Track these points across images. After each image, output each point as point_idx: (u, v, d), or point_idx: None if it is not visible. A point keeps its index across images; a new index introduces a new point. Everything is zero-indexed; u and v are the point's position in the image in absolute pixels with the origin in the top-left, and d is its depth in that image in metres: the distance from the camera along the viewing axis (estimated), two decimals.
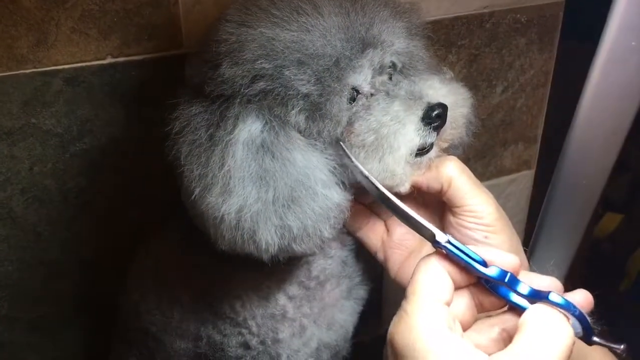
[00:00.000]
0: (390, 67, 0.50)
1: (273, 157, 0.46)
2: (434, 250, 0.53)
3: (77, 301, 0.70)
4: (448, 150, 0.53)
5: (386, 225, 0.56)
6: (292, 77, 0.45)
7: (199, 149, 0.47)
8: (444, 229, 0.52)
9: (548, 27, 0.82)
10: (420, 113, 0.46)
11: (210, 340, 0.56)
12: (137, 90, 0.62)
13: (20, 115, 0.59)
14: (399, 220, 0.54)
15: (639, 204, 0.99)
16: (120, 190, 0.66)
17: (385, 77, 0.50)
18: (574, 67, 0.78)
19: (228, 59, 0.46)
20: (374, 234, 0.55)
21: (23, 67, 0.57)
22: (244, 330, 0.55)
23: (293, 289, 0.55)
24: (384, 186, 0.47)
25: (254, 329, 0.55)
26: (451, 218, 0.50)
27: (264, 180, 0.45)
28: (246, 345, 0.56)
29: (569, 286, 0.40)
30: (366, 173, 0.46)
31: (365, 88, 0.48)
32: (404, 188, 0.48)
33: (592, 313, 0.39)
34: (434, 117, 0.46)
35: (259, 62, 0.45)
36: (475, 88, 0.82)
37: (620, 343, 0.39)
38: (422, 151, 0.48)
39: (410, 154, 0.47)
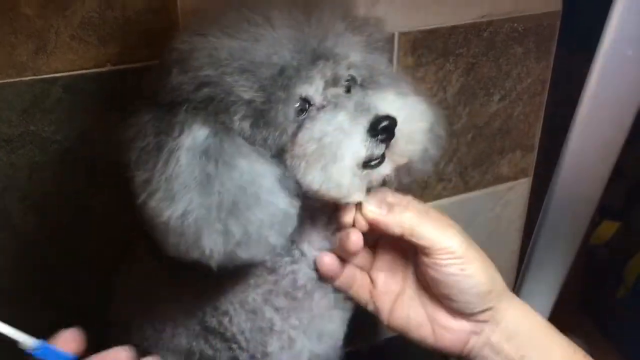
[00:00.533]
0: (348, 80, 0.50)
1: (216, 163, 0.45)
2: (415, 291, 0.54)
3: (76, 309, 0.70)
4: (413, 167, 0.52)
5: (370, 277, 0.55)
6: (234, 83, 0.45)
7: (147, 155, 0.47)
8: (418, 269, 0.52)
9: (545, 36, 0.82)
10: (366, 124, 0.46)
11: (203, 354, 0.56)
12: (136, 97, 0.62)
13: (19, 122, 0.59)
14: (378, 267, 0.55)
15: (636, 211, 0.99)
16: (121, 198, 0.66)
17: (340, 90, 0.49)
18: (571, 75, 0.78)
19: (178, 67, 0.46)
20: (362, 289, 0.55)
21: (22, 75, 0.58)
22: (233, 345, 0.55)
23: (280, 301, 0.54)
24: (330, 198, 0.47)
25: (243, 344, 0.55)
26: (425, 259, 0.50)
27: (207, 186, 0.45)
28: None
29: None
30: None
31: (317, 99, 0.48)
32: (353, 200, 0.48)
33: None
34: (380, 129, 0.46)
35: (204, 69, 0.45)
36: (473, 96, 0.82)
37: None
38: (371, 164, 0.47)
39: (357, 166, 0.46)
